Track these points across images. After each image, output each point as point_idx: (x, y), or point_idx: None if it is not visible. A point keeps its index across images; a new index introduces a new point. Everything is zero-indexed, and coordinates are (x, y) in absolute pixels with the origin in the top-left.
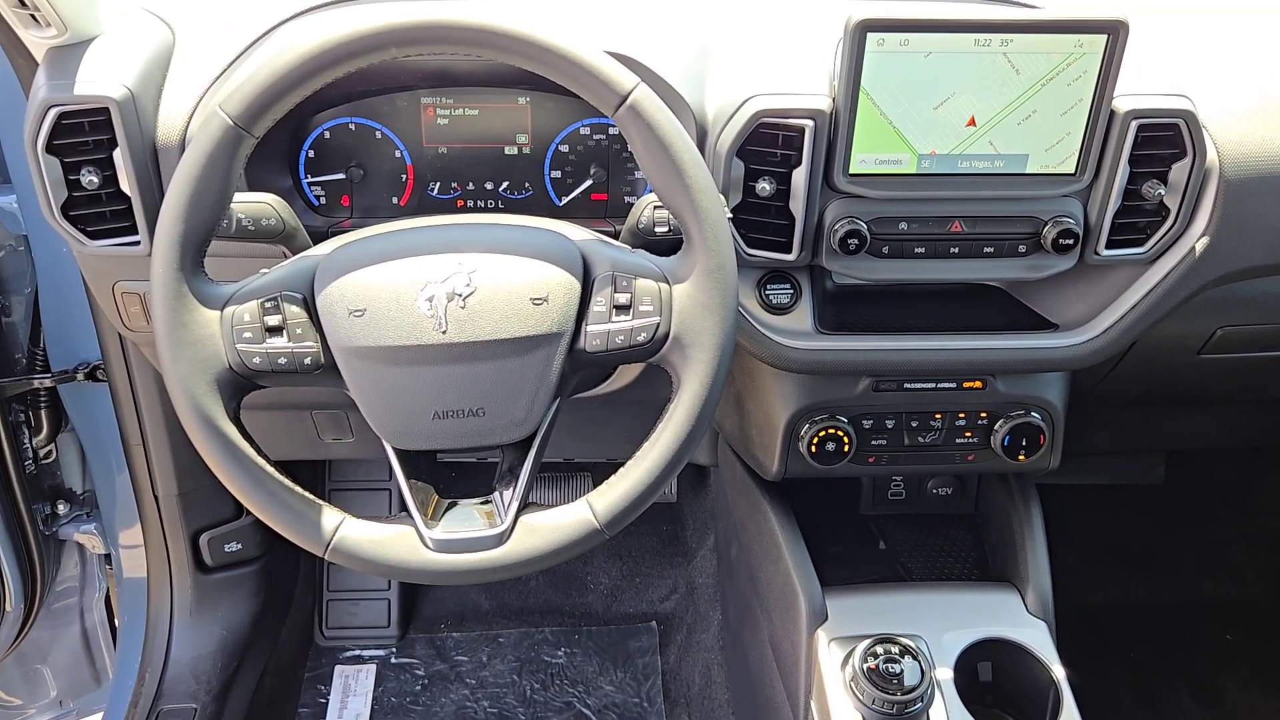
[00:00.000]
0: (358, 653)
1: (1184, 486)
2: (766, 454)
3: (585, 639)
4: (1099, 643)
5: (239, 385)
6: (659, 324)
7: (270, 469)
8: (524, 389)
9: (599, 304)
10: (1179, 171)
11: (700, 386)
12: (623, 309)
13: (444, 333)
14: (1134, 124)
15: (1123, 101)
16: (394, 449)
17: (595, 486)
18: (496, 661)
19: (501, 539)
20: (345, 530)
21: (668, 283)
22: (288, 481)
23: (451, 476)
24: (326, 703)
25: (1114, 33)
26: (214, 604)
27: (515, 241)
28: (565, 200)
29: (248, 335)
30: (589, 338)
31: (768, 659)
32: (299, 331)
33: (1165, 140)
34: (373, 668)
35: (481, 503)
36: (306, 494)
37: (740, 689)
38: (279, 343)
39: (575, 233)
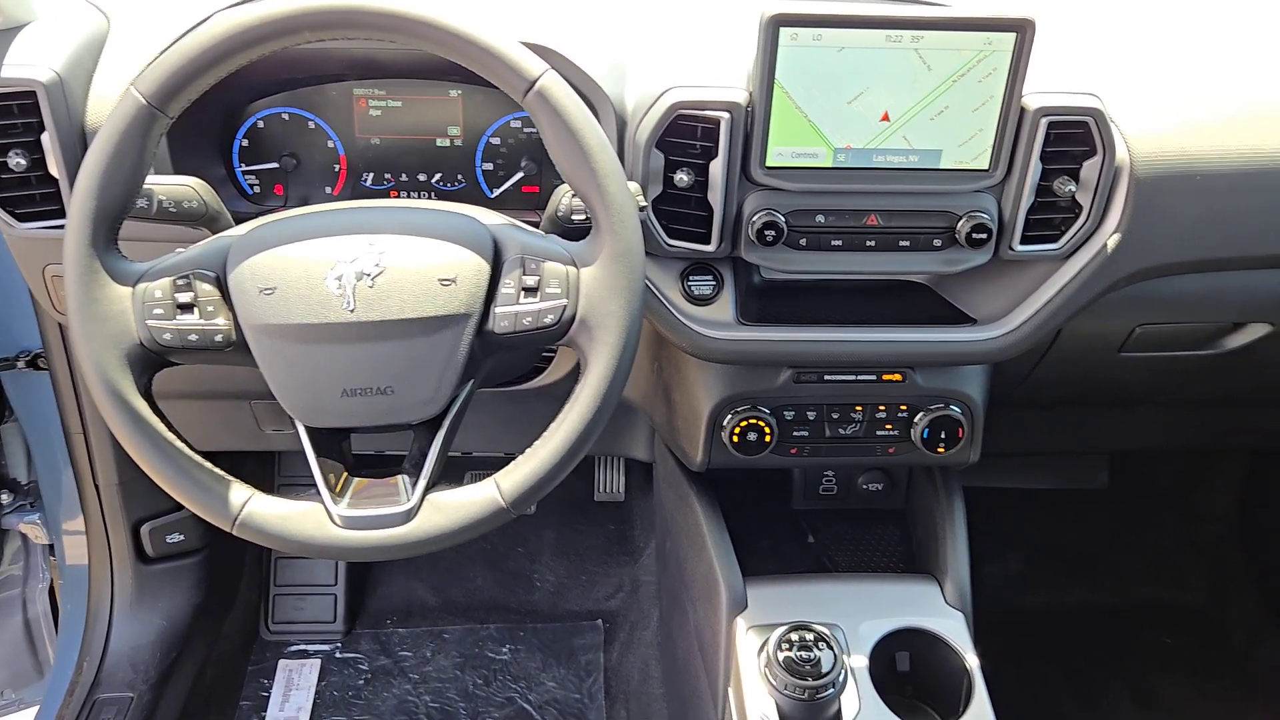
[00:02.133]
0: (302, 647)
1: (1127, 491)
2: (691, 445)
3: (530, 636)
4: (1041, 645)
5: (150, 361)
6: (566, 306)
7: (180, 444)
8: (432, 368)
9: (508, 286)
10: (1090, 169)
11: (606, 368)
12: (531, 291)
13: (352, 311)
14: (1044, 121)
15: (1033, 99)
16: (304, 427)
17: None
18: (440, 657)
19: (409, 516)
20: (253, 506)
21: (576, 266)
22: (198, 457)
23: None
24: (269, 696)
25: (1021, 31)
26: (154, 595)
27: (425, 224)
28: (497, 192)
29: (158, 312)
30: (497, 319)
31: (693, 649)
32: (210, 309)
33: (1075, 138)
34: (317, 662)
35: (390, 481)
36: (216, 470)
37: (671, 681)
38: (190, 319)
39: (487, 217)
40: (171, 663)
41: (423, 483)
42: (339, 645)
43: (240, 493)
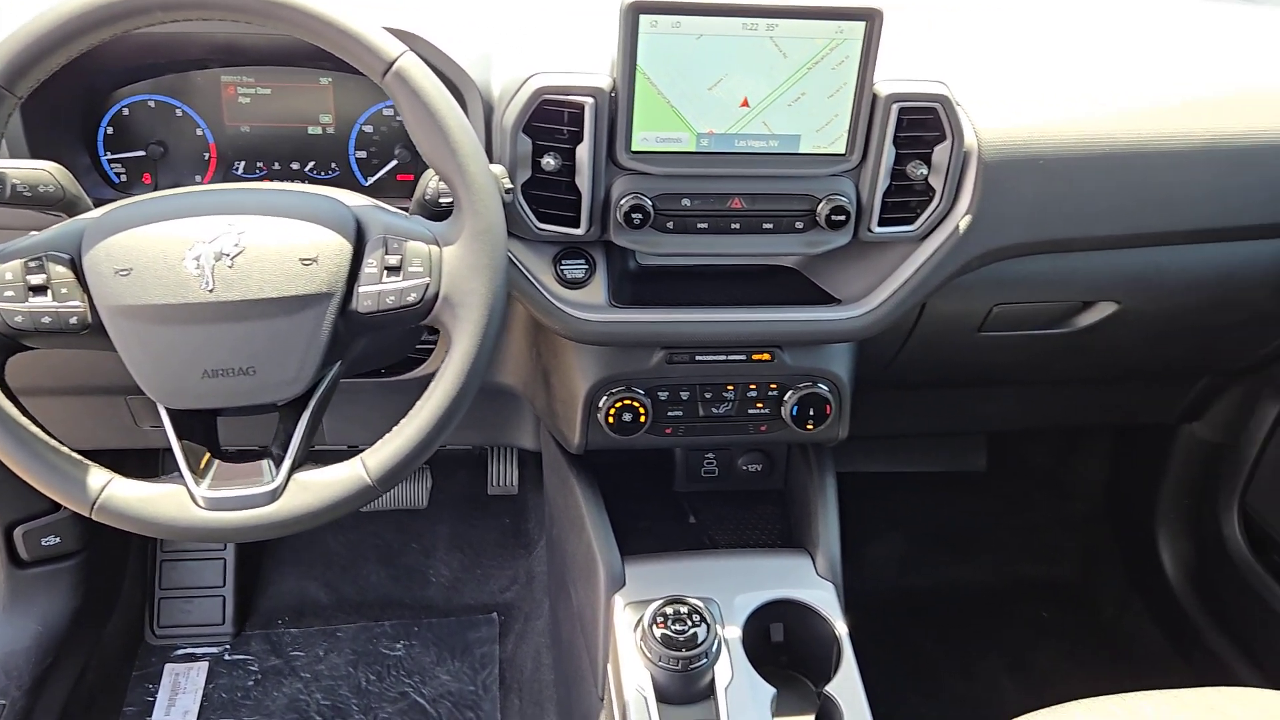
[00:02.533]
0: (190, 650)
1: (1003, 473)
2: (569, 427)
3: (425, 631)
4: (924, 621)
5: (2, 345)
6: (429, 285)
7: (35, 429)
8: (295, 348)
9: (370, 265)
10: (940, 153)
11: (470, 345)
12: (393, 270)
13: (211, 291)
14: (895, 107)
15: (884, 86)
16: (165, 409)
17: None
18: (333, 655)
19: (274, 496)
20: (113, 489)
21: (438, 245)
22: (54, 441)
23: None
24: (154, 701)
25: (870, 20)
26: (29, 599)
27: (286, 205)
28: (371, 180)
29: (9, 294)
30: (360, 298)
31: (576, 631)
32: (64, 291)
33: (926, 123)
34: (204, 665)
35: (255, 463)
36: (74, 454)
37: (558, 664)
38: (42, 302)
39: (350, 198)
40: (47, 668)
41: (288, 462)
42: (228, 647)
43: (99, 476)
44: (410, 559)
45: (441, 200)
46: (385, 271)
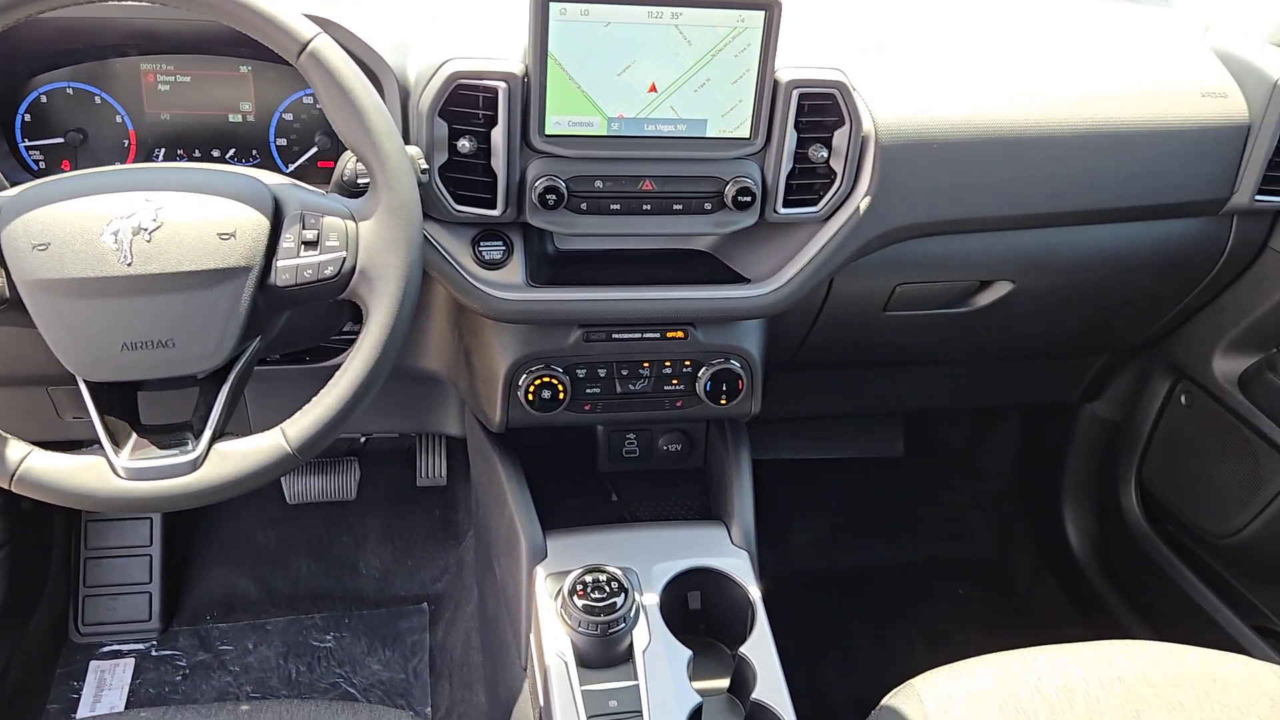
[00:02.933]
0: (115, 647)
1: (920, 456)
2: (491, 405)
3: (355, 622)
4: (847, 599)
5: None
6: (345, 258)
7: None
8: (214, 321)
9: (288, 240)
10: (840, 138)
11: (387, 317)
12: (311, 245)
13: (129, 265)
14: (795, 93)
15: (785, 73)
16: (84, 382)
17: (364, 471)
18: (263, 648)
19: (194, 465)
20: (32, 460)
21: (354, 220)
22: None
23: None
24: (79, 698)
25: (770, 10)
26: None
27: (204, 182)
28: (292, 168)
29: None
30: (279, 272)
31: (501, 606)
32: None
33: (825, 109)
34: (131, 661)
35: (174, 434)
36: None
37: (485, 643)
38: None
39: (267, 177)
40: None
41: (208, 433)
42: (155, 643)
43: (18, 448)
44: (341, 552)
45: (359, 181)
46: (303, 246)
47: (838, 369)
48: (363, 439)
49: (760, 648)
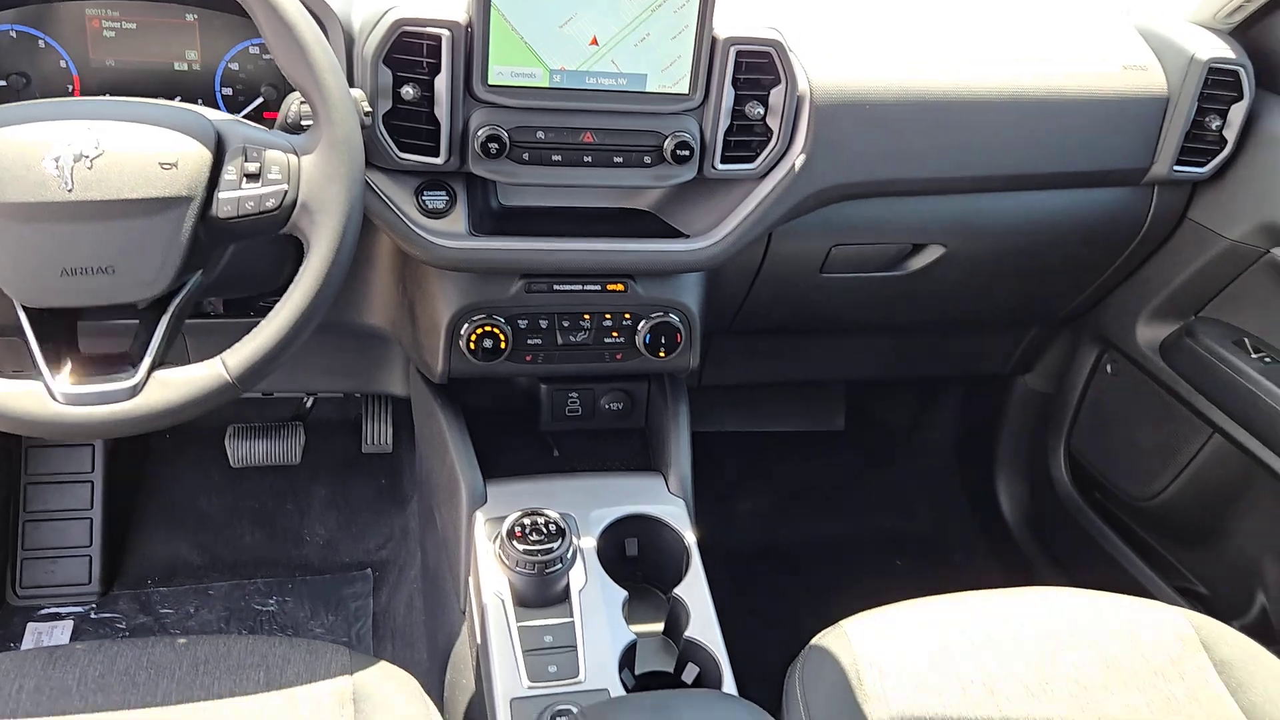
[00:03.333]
0: (54, 610)
1: (862, 431)
2: (433, 356)
3: (299, 588)
4: (789, 570)
5: None
6: (287, 191)
7: None
8: (154, 249)
9: (230, 173)
10: (776, 96)
11: (327, 249)
12: (253, 177)
13: (70, 191)
14: (732, 50)
15: (723, 30)
16: (23, 308)
17: (311, 440)
18: (205, 612)
19: (134, 392)
20: None
21: (297, 154)
22: None
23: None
24: None
25: None
26: None
27: (146, 113)
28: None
29: None
30: (220, 204)
31: (441, 555)
32: None
33: (762, 67)
34: (69, 624)
35: (114, 362)
36: None
37: (426, 595)
38: None
39: (210, 113)
40: None
41: (148, 360)
42: (94, 606)
43: None
44: (285, 520)
45: (303, 123)
46: (245, 178)
47: (779, 335)
48: (308, 402)
49: (694, 589)
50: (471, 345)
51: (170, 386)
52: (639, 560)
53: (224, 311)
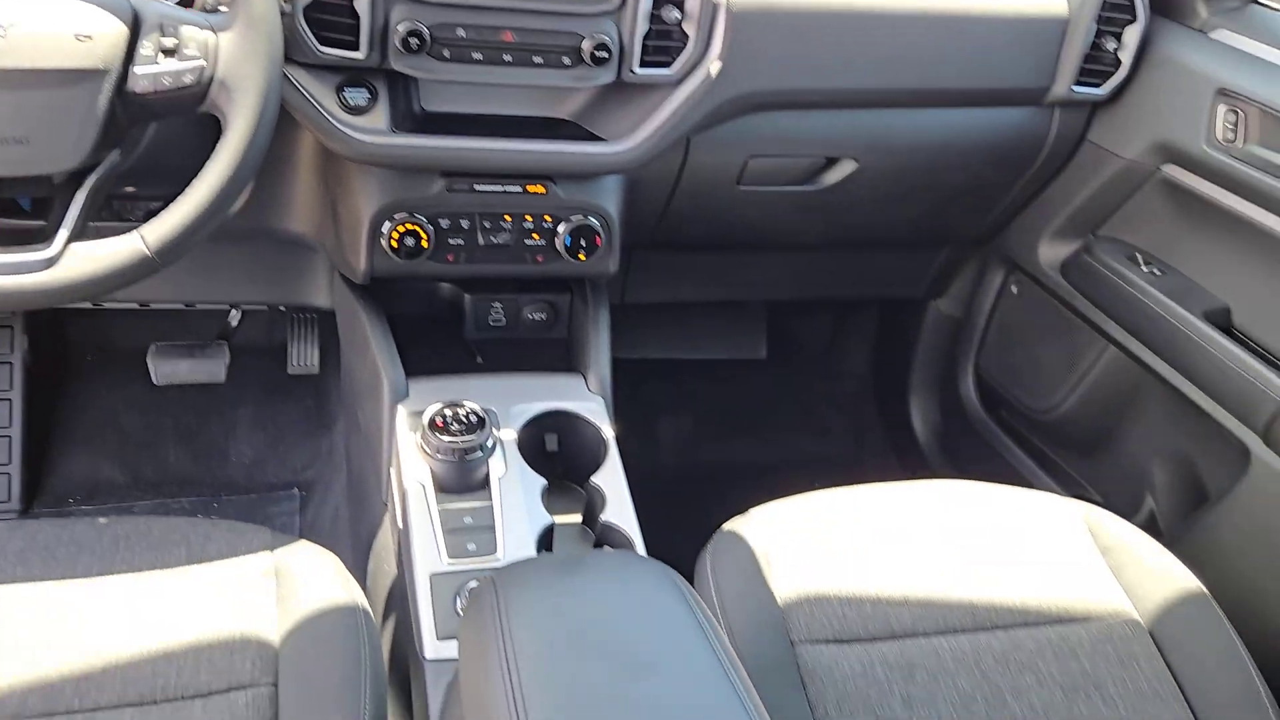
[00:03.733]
0: None
1: (782, 358)
2: (355, 254)
3: (225, 507)
4: (710, 491)
5: None
6: (205, 68)
7: None
8: (69, 122)
9: (146, 48)
10: (693, 2)
11: (246, 125)
12: (170, 53)
13: None
14: None
15: None
16: None
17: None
18: None
19: (50, 263)
20: None
21: (214, 32)
22: None
23: None
24: None
25: None
26: None
27: None
28: None
29: None
30: (137, 79)
31: (365, 453)
32: None
33: None
34: None
35: (30, 235)
36: None
37: (351, 496)
38: None
39: None
40: None
41: (64, 232)
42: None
43: None
44: (210, 439)
45: (220, 8)
46: (161, 54)
47: (701, 251)
48: (233, 320)
49: (611, 477)
50: (394, 243)
51: (87, 259)
52: (559, 456)
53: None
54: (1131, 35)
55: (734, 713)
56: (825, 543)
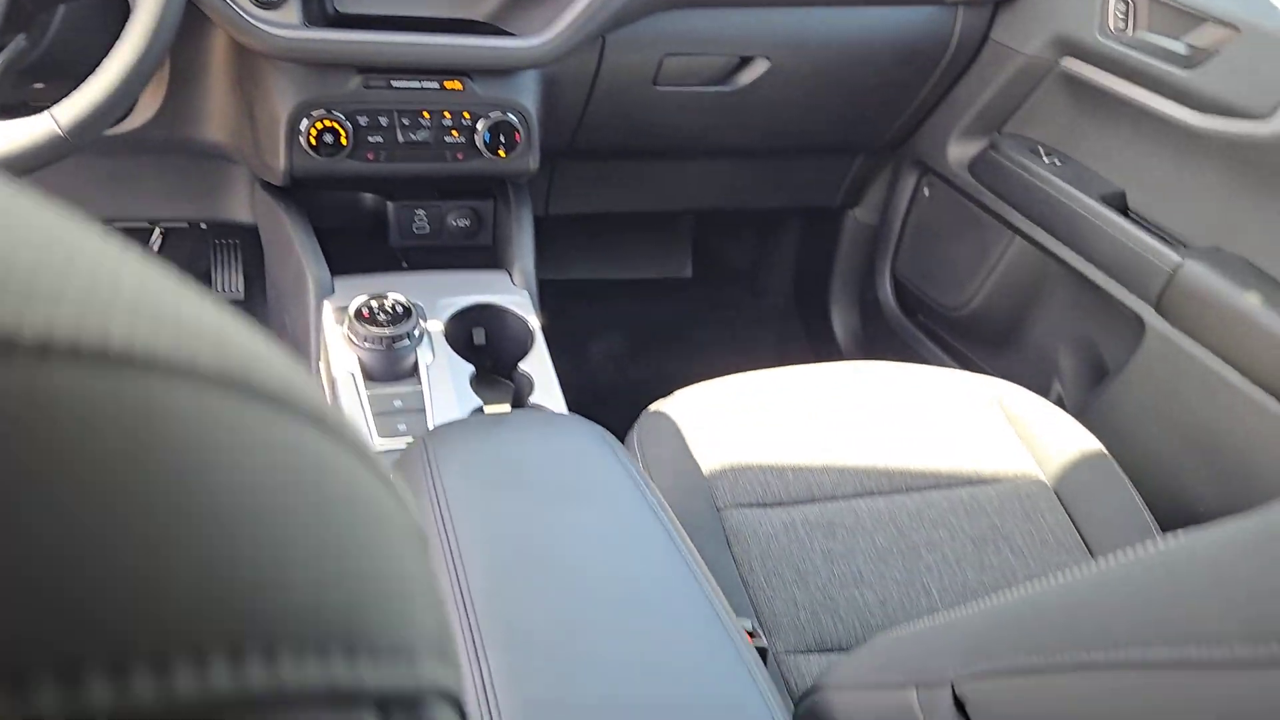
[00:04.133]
0: None
1: (707, 277)
2: (273, 154)
3: None
4: (637, 405)
5: None
6: None
7: None
8: None
9: None
10: None
11: (155, 4)
12: None
13: None
14: None
15: None
16: None
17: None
18: None
19: None
20: None
21: None
22: None
23: None
24: None
25: None
26: None
27: None
28: None
29: None
30: None
31: (294, 356)
32: None
33: None
34: None
35: None
36: None
37: None
38: None
39: None
40: None
41: None
42: None
43: None
44: None
45: None
46: None
47: (623, 159)
48: (155, 242)
49: (538, 363)
50: (312, 140)
51: None
52: (486, 350)
53: None
54: None
55: (659, 539)
56: (748, 417)
